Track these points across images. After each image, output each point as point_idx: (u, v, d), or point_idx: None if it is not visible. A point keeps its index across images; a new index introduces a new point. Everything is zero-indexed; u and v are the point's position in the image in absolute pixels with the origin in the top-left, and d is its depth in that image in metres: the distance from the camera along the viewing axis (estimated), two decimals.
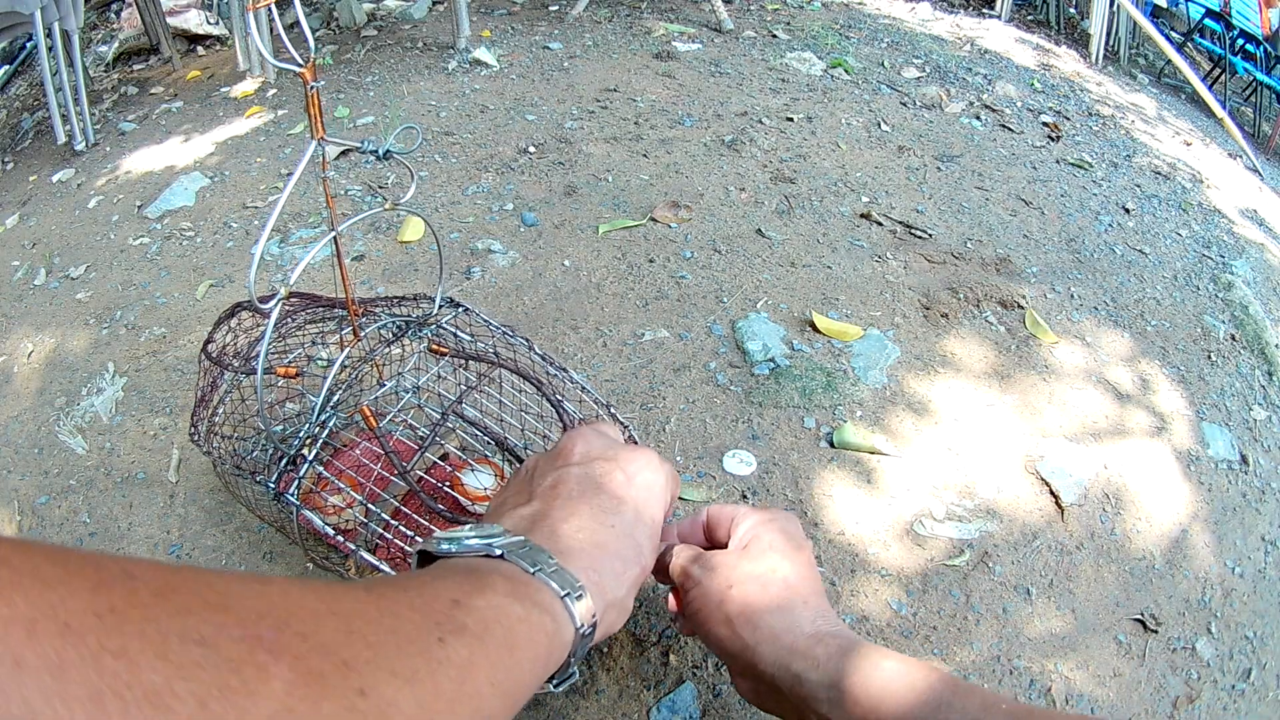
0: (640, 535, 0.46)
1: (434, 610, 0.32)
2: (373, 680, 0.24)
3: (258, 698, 0.20)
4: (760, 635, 0.48)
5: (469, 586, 0.35)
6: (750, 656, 0.48)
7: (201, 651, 0.19)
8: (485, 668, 0.31)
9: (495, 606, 0.35)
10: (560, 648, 0.39)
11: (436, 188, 1.52)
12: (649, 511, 0.48)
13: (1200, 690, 0.80)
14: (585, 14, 2.53)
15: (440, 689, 0.28)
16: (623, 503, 0.46)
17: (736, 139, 1.72)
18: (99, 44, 2.77)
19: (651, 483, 0.49)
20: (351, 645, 0.25)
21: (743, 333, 1.13)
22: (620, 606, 0.44)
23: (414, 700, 0.26)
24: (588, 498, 0.46)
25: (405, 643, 0.28)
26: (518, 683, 0.34)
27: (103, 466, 0.98)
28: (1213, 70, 3.82)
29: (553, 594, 0.39)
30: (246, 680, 0.20)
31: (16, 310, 1.32)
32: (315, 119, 0.54)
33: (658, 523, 0.49)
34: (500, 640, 0.33)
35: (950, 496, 0.93)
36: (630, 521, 0.46)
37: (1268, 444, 1.12)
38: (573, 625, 0.39)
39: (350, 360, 0.70)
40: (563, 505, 0.45)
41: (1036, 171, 1.77)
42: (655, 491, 0.49)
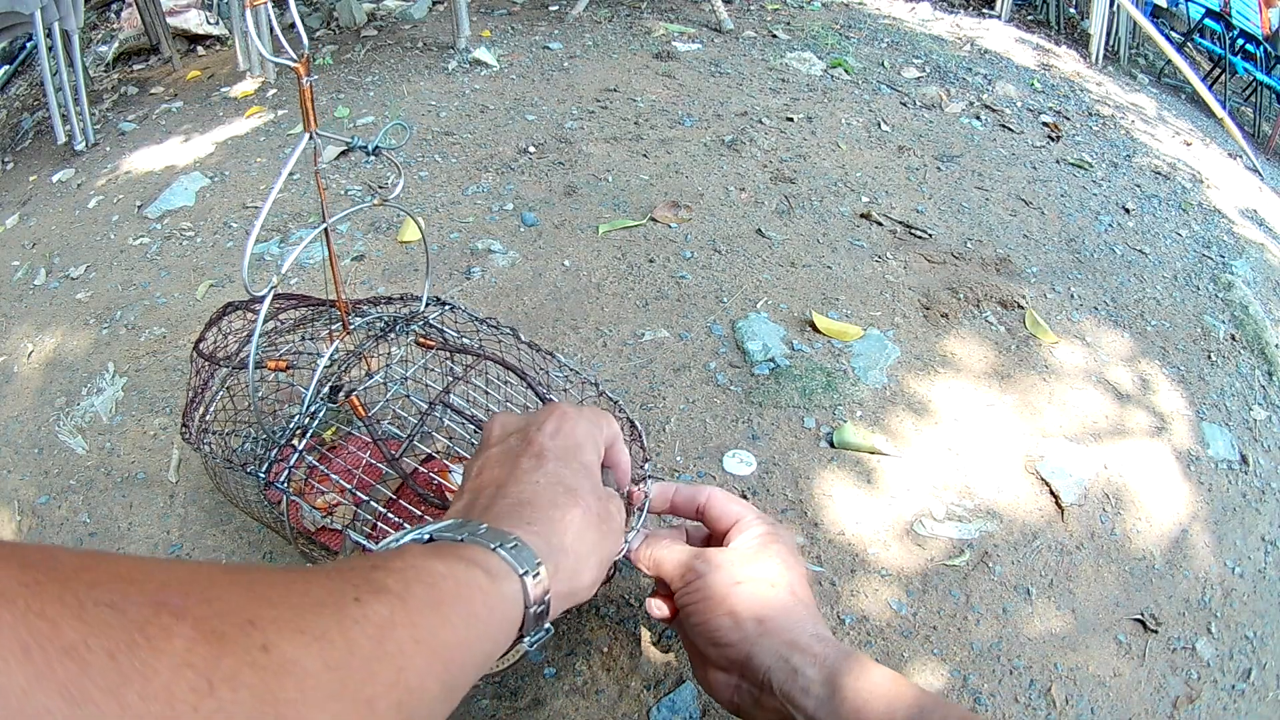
0: (570, 479, 0.46)
1: (351, 575, 0.31)
2: (277, 637, 0.24)
3: (160, 653, 0.22)
4: (765, 628, 0.49)
5: (389, 554, 0.35)
6: (748, 648, 0.49)
7: (112, 614, 0.22)
8: (407, 626, 0.30)
9: (415, 566, 0.34)
10: (505, 601, 0.38)
11: (436, 188, 1.52)
12: (576, 457, 0.48)
13: (1200, 690, 0.80)
14: (585, 14, 2.53)
15: (355, 647, 0.27)
16: (542, 458, 0.47)
17: (736, 139, 1.72)
18: (99, 44, 2.77)
19: (570, 431, 0.49)
20: (257, 607, 0.25)
21: (743, 333, 1.13)
22: (574, 554, 0.43)
23: (320, 658, 0.25)
24: (508, 468, 0.47)
25: (316, 604, 0.27)
26: (453, 641, 0.33)
27: (103, 466, 0.98)
28: (1213, 70, 3.82)
29: (481, 548, 0.39)
30: (151, 638, 0.22)
31: (16, 310, 1.32)
32: (308, 113, 0.54)
33: (589, 464, 0.49)
34: (424, 598, 0.32)
35: (950, 496, 0.93)
36: (554, 471, 0.46)
37: (1268, 444, 1.12)
38: (515, 573, 0.38)
39: (339, 353, 0.70)
40: (488, 485, 0.46)
41: (1036, 171, 1.77)
42: (577, 438, 0.49)
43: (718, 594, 0.51)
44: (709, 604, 0.51)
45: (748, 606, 0.50)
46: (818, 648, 0.48)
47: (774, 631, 0.49)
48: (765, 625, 0.49)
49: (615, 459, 0.56)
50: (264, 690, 0.23)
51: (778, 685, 0.48)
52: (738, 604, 0.51)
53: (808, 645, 0.48)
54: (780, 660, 0.48)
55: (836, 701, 0.45)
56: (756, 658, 0.49)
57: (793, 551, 0.56)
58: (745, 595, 0.51)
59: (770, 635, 0.49)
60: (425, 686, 0.30)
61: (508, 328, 0.77)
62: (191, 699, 0.21)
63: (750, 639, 0.49)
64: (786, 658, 0.48)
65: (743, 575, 0.52)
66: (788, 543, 0.56)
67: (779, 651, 0.48)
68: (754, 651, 0.49)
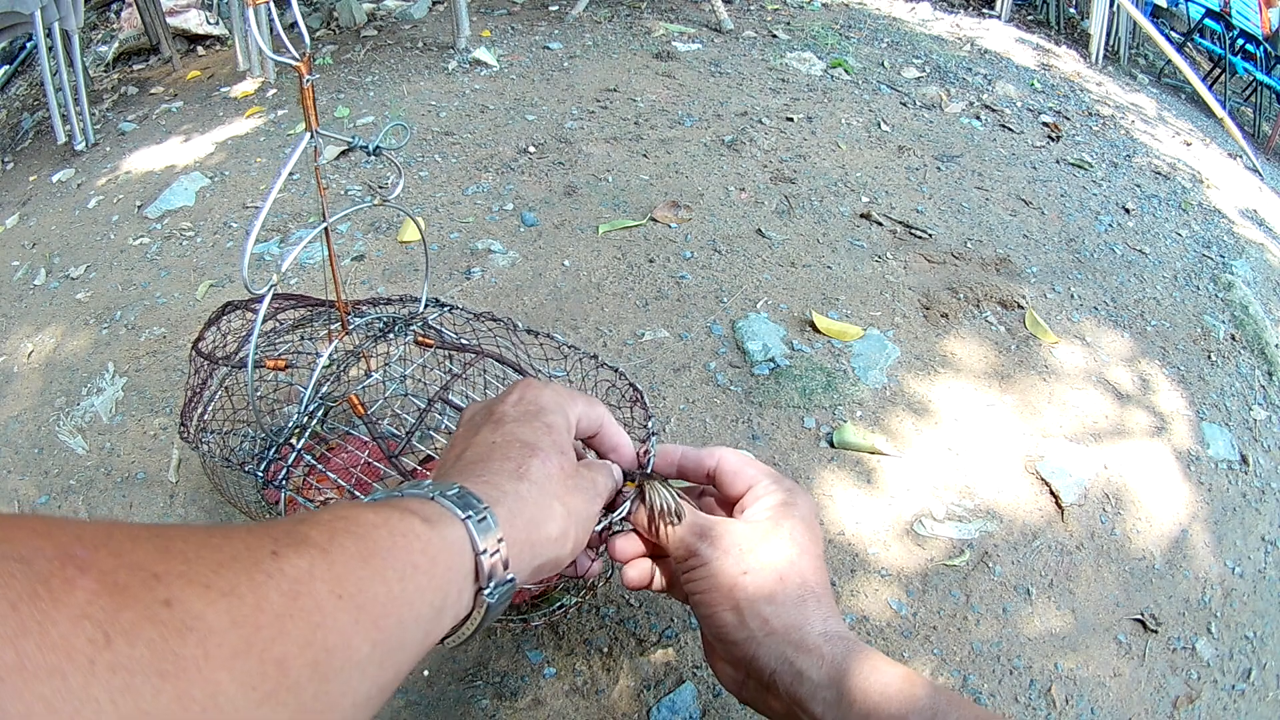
0: (527, 435, 0.44)
1: (273, 530, 0.29)
2: (181, 592, 0.24)
3: (60, 604, 0.22)
4: (770, 628, 0.46)
5: (319, 510, 0.33)
6: (752, 648, 0.47)
7: (19, 566, 0.22)
8: (329, 580, 0.28)
9: (344, 517, 0.32)
10: (450, 549, 0.35)
11: (436, 188, 1.52)
12: (538, 418, 0.46)
13: (1200, 690, 0.80)
14: (585, 14, 2.53)
15: (265, 602, 0.26)
16: (500, 423, 0.45)
17: (736, 139, 1.72)
18: (99, 44, 2.77)
19: (533, 398, 0.47)
20: (166, 561, 0.25)
21: (743, 333, 1.13)
22: (531, 500, 0.40)
23: (227, 614, 0.24)
24: (468, 440, 0.45)
25: (229, 559, 0.26)
26: (386, 595, 0.30)
27: (103, 466, 0.98)
28: (1213, 70, 3.82)
29: (420, 498, 0.36)
30: (53, 589, 0.22)
31: (16, 310, 1.32)
32: (309, 112, 0.54)
33: (553, 425, 0.46)
34: (352, 550, 0.30)
35: (950, 496, 0.93)
36: (511, 430, 0.44)
37: (1268, 444, 1.12)
38: (457, 518, 0.36)
39: (338, 353, 0.70)
40: (448, 460, 0.45)
41: (1036, 171, 1.77)
42: (541, 403, 0.47)
43: (723, 584, 0.48)
44: (713, 595, 0.48)
45: (753, 603, 0.47)
46: (825, 649, 0.46)
47: (779, 632, 0.46)
48: (770, 625, 0.46)
49: (612, 442, 0.53)
50: (163, 645, 0.23)
51: (784, 688, 0.45)
52: (743, 599, 0.47)
53: (815, 646, 0.46)
54: (785, 663, 0.46)
55: (845, 706, 0.43)
56: (761, 659, 0.46)
57: (810, 524, 0.52)
58: (752, 589, 0.47)
59: (775, 635, 0.46)
60: (350, 645, 0.28)
61: (504, 318, 0.77)
62: (88, 650, 0.21)
63: (755, 639, 0.46)
64: (792, 660, 0.45)
65: (751, 564, 0.48)
66: (804, 513, 0.52)
67: (784, 654, 0.46)
68: (758, 653, 0.46)
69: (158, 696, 0.22)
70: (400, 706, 0.69)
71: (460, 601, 0.36)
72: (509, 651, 0.73)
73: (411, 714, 0.69)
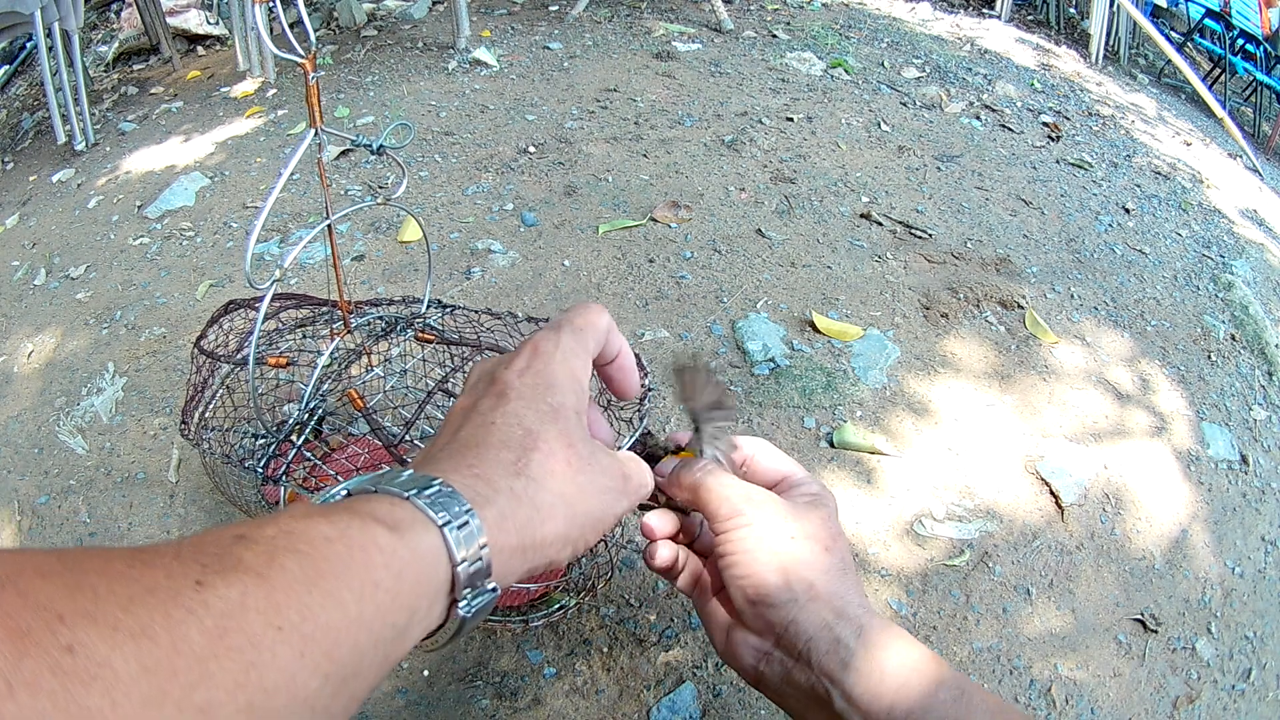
0: (531, 420, 0.39)
1: (203, 551, 0.26)
2: (86, 635, 0.22)
3: None
4: (815, 593, 0.45)
5: (262, 521, 0.29)
6: (793, 612, 0.45)
7: None
8: (264, 610, 0.25)
9: (290, 531, 0.28)
10: (419, 560, 0.31)
11: (436, 188, 1.52)
12: (545, 398, 0.41)
13: (1200, 690, 0.80)
14: (585, 14, 2.53)
15: (184, 642, 0.23)
16: (504, 397, 0.40)
17: (736, 139, 1.72)
18: (99, 44, 2.77)
19: (542, 368, 0.42)
20: (73, 599, 0.22)
21: (743, 333, 1.13)
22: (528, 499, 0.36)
23: (136, 659, 0.22)
24: (466, 416, 0.40)
25: (144, 592, 0.23)
26: (340, 622, 0.27)
27: (103, 466, 0.98)
28: (1213, 70, 3.82)
29: (392, 498, 0.32)
30: None
31: (16, 310, 1.32)
32: (314, 109, 0.54)
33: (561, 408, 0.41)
34: (295, 573, 0.26)
35: (950, 496, 0.93)
36: (515, 410, 0.39)
37: (1268, 444, 1.12)
38: (432, 524, 0.32)
39: (339, 351, 0.70)
40: (444, 435, 0.40)
41: (1036, 171, 1.77)
42: (550, 376, 0.42)
43: (770, 546, 0.46)
44: (757, 556, 0.46)
45: (801, 567, 0.46)
46: (865, 619, 0.45)
47: (824, 597, 0.45)
48: (815, 590, 0.45)
49: (621, 363, 0.47)
50: (66, 697, 0.20)
51: (817, 658, 0.44)
52: (790, 562, 0.46)
53: (855, 616, 0.45)
54: (825, 629, 0.44)
55: (878, 677, 0.43)
56: (800, 624, 0.45)
57: (838, 521, 0.52)
58: (801, 554, 0.46)
59: (819, 601, 0.45)
60: (296, 682, 0.25)
61: (505, 313, 0.77)
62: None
63: (799, 602, 0.45)
64: (832, 627, 0.44)
65: (797, 530, 0.47)
66: (834, 510, 0.52)
67: (825, 619, 0.45)
68: (799, 617, 0.45)
69: None
70: (400, 707, 0.69)
71: (431, 615, 0.32)
72: (509, 651, 0.73)
73: (411, 714, 0.69)
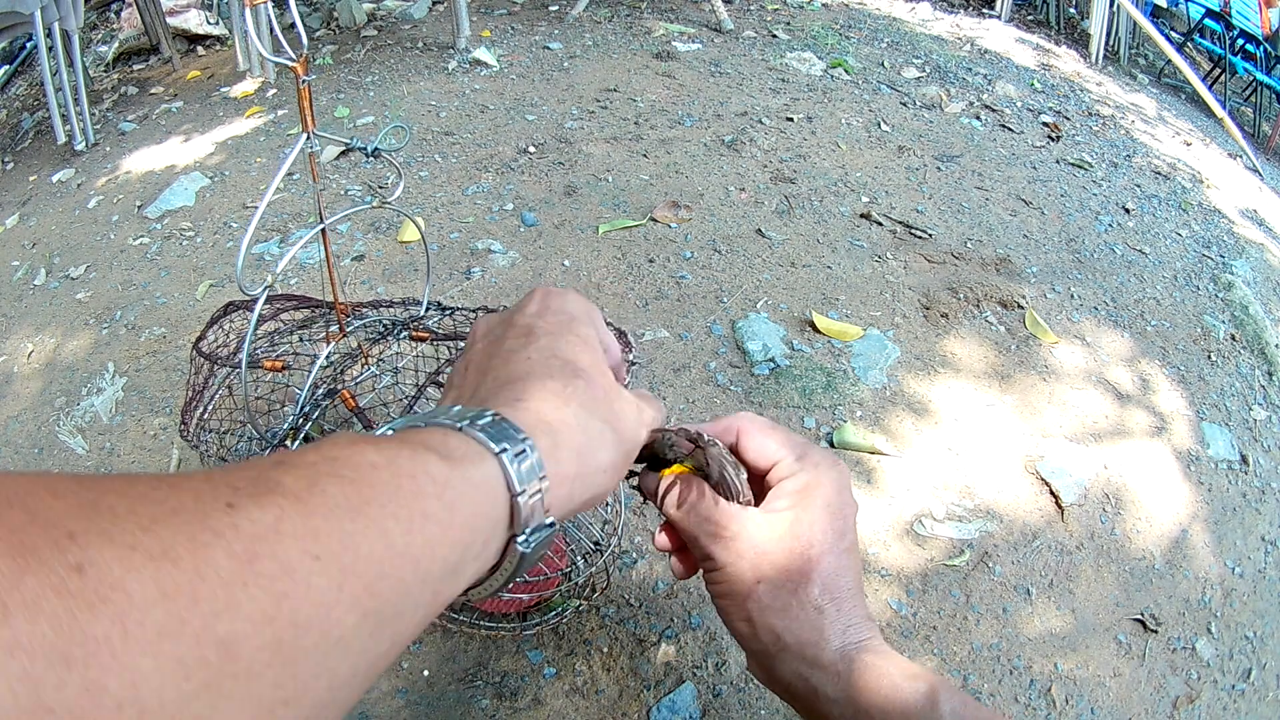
0: (567, 351, 0.38)
1: (239, 475, 0.24)
2: (99, 556, 0.19)
3: None
4: (782, 645, 0.44)
5: (306, 447, 0.27)
6: (768, 661, 0.45)
7: None
8: (302, 535, 0.23)
9: (333, 458, 0.26)
10: (476, 491, 0.29)
11: (436, 188, 1.52)
12: (572, 330, 0.40)
13: (1200, 690, 0.80)
14: (585, 14, 2.53)
15: (209, 566, 0.21)
16: (531, 334, 0.39)
17: (736, 139, 1.72)
18: (99, 44, 2.77)
19: (559, 306, 0.42)
20: (88, 518, 0.20)
21: (743, 333, 1.13)
22: (580, 428, 0.35)
23: (155, 583, 0.20)
24: (490, 355, 0.39)
25: (167, 513, 0.21)
26: (383, 553, 0.25)
27: (103, 466, 0.98)
28: (1213, 70, 3.82)
29: (445, 428, 0.31)
30: None
31: (16, 310, 1.32)
32: (306, 113, 0.54)
33: (589, 338, 0.41)
34: (337, 498, 0.24)
35: (950, 496, 0.93)
36: (547, 345, 0.38)
37: (1268, 444, 1.12)
38: (489, 453, 0.30)
39: (335, 354, 0.70)
40: (469, 379, 0.39)
41: (1036, 171, 1.77)
42: (570, 311, 0.41)
43: (738, 592, 0.45)
44: (729, 602, 0.45)
45: (765, 617, 0.44)
46: (840, 665, 0.43)
47: (792, 648, 0.44)
48: (783, 641, 0.44)
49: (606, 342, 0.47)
50: (70, 621, 0.18)
51: (802, 702, 0.44)
52: (755, 612, 0.44)
53: (830, 663, 0.43)
54: (800, 679, 0.44)
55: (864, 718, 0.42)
56: (776, 672, 0.45)
57: (836, 509, 0.46)
58: (765, 601, 0.44)
59: (788, 651, 0.44)
60: (330, 617, 0.23)
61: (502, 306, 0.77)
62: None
63: (769, 653, 0.44)
64: (806, 677, 0.43)
65: (765, 570, 0.44)
66: (829, 496, 0.46)
67: (798, 670, 0.44)
68: (774, 666, 0.45)
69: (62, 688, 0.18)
70: (400, 706, 0.69)
71: (486, 552, 0.30)
72: (509, 651, 0.73)
73: (411, 714, 0.69)
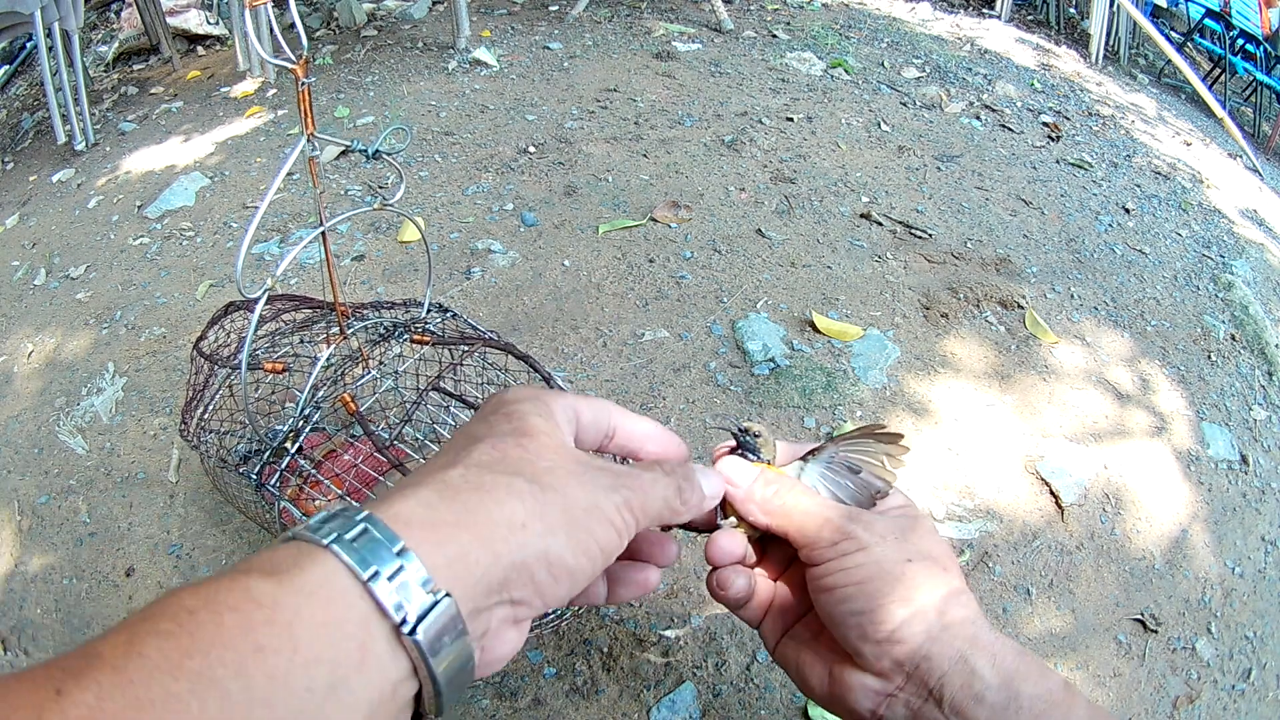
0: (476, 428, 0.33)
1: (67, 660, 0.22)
2: None
3: None
4: (948, 620, 0.40)
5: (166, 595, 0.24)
6: (926, 645, 0.39)
7: None
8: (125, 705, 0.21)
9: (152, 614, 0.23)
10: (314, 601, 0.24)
11: (436, 188, 1.52)
12: (497, 412, 0.34)
13: (1200, 690, 0.80)
14: (585, 14, 2.53)
15: None
16: (456, 434, 0.34)
17: (736, 139, 1.72)
18: (99, 44, 2.77)
19: (497, 400, 0.36)
20: None
21: (743, 333, 1.13)
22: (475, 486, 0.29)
23: None
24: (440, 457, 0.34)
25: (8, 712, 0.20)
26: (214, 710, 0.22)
27: (103, 466, 0.98)
28: (1213, 70, 3.82)
29: (307, 546, 0.26)
30: None
31: (16, 310, 1.32)
32: (306, 114, 0.54)
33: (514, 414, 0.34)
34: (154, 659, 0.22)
35: (950, 496, 0.93)
36: (467, 429, 0.33)
37: (1268, 444, 1.12)
38: (318, 546, 0.25)
39: (336, 357, 0.70)
40: None
41: (1036, 171, 1.77)
42: (505, 398, 0.36)
43: (889, 573, 0.40)
44: (876, 586, 0.40)
45: (928, 593, 0.40)
46: (997, 646, 0.40)
47: (956, 625, 0.40)
48: (948, 617, 0.40)
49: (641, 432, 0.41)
50: None
51: (951, 694, 0.39)
52: (916, 589, 0.40)
53: (988, 643, 0.40)
54: (960, 661, 0.39)
55: (1013, 711, 0.38)
56: (934, 658, 0.39)
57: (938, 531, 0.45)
58: (923, 578, 0.40)
59: (951, 629, 0.40)
60: None
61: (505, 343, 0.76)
62: None
63: (931, 634, 0.39)
64: (967, 658, 0.39)
65: (913, 550, 0.41)
66: (930, 520, 0.45)
67: (959, 650, 0.39)
68: (933, 651, 0.39)
69: None
70: None
71: (374, 660, 0.25)
72: None
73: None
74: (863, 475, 0.45)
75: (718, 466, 0.44)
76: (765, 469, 0.44)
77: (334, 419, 0.89)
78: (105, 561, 0.87)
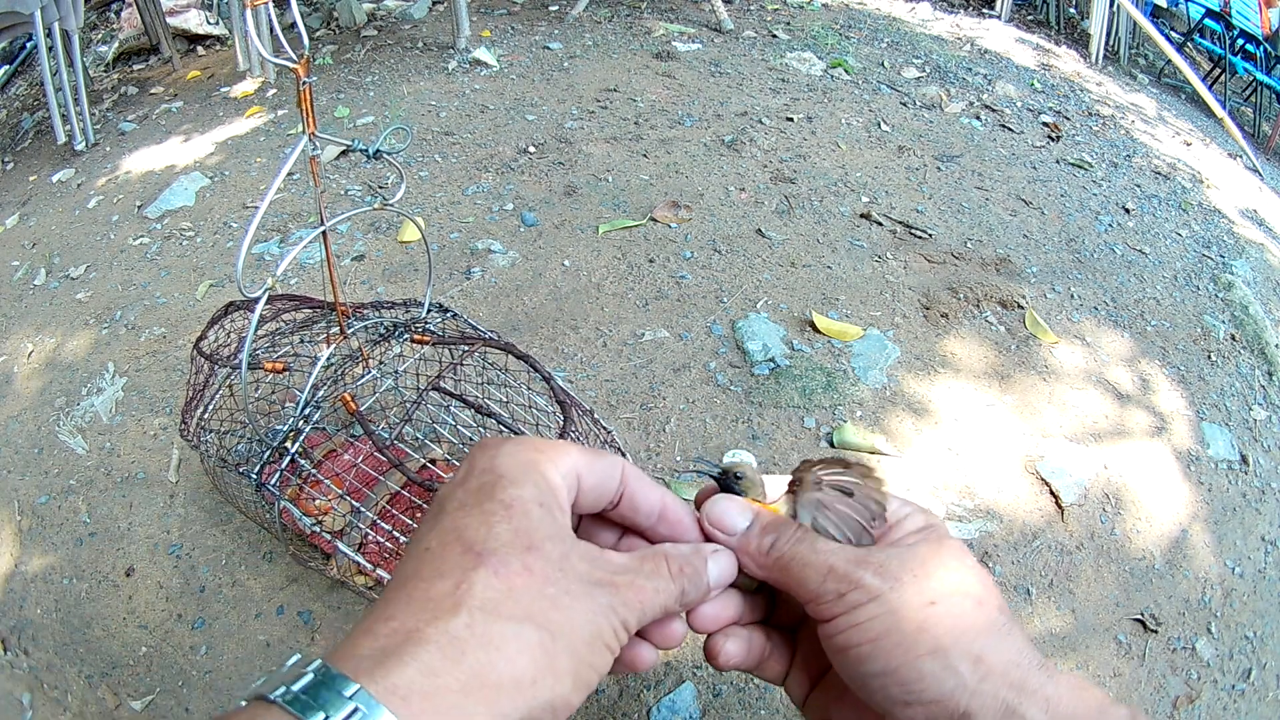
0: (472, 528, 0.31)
1: None
2: None
3: None
4: (987, 668, 0.35)
5: None
6: (964, 700, 0.35)
7: None
8: None
9: None
10: None
11: (436, 188, 1.52)
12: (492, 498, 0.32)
13: (1200, 690, 0.80)
14: (585, 14, 2.53)
15: None
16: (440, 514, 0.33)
17: (736, 139, 1.72)
18: (99, 44, 2.77)
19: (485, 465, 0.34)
20: None
21: (743, 333, 1.13)
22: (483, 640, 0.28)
23: None
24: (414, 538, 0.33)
25: None
26: None
27: (103, 466, 0.98)
28: (1213, 70, 3.82)
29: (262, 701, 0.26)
30: None
31: (16, 310, 1.32)
32: (307, 114, 0.54)
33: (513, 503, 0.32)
34: None
35: (950, 496, 0.93)
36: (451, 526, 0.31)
37: (1268, 444, 1.12)
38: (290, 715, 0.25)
39: (336, 356, 0.70)
40: None
41: (1036, 171, 1.77)
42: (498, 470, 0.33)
43: (910, 623, 0.35)
44: (895, 640, 0.35)
45: (961, 639, 0.35)
46: (1048, 689, 0.35)
47: (998, 671, 0.35)
48: (986, 664, 0.35)
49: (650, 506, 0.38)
50: None
51: None
52: (943, 636, 0.35)
53: (1037, 687, 0.35)
54: (1008, 713, 0.34)
55: None
56: (975, 713, 0.34)
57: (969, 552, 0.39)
58: (950, 622, 0.35)
59: (992, 678, 0.35)
60: None
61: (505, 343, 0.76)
62: None
63: (968, 687, 0.34)
64: (1014, 707, 0.34)
65: (937, 590, 0.36)
66: (957, 539, 0.39)
67: (1005, 700, 0.34)
68: (972, 705, 0.34)
69: None
70: None
71: None
72: None
73: None
74: (857, 497, 0.40)
75: (704, 510, 0.40)
76: (761, 510, 0.40)
77: (334, 419, 0.89)
78: (105, 561, 0.87)
